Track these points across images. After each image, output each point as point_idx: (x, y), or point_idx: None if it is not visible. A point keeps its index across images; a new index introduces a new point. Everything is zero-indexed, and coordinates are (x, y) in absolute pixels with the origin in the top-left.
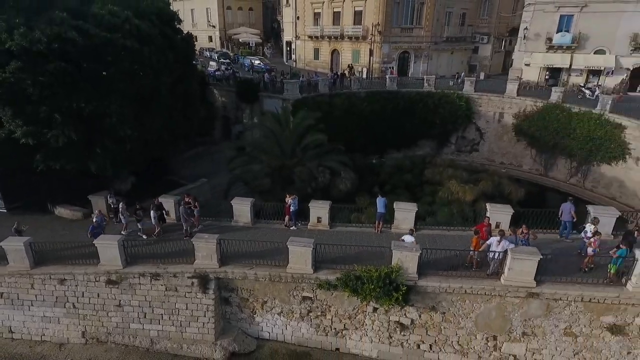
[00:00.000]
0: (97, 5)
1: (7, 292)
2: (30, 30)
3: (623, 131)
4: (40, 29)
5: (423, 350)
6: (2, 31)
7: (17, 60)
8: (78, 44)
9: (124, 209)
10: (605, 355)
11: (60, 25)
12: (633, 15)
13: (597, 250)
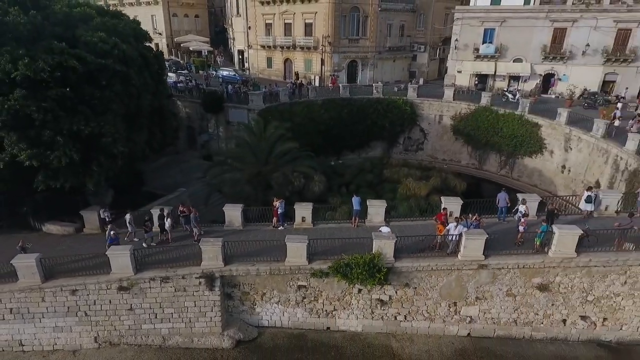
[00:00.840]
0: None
1: (17, 307)
2: (34, 61)
3: (540, 129)
4: (42, 59)
5: (399, 320)
6: (7, 62)
7: (22, 89)
8: (77, 71)
9: (132, 219)
10: (536, 308)
11: (60, 55)
12: (542, 29)
13: (525, 228)
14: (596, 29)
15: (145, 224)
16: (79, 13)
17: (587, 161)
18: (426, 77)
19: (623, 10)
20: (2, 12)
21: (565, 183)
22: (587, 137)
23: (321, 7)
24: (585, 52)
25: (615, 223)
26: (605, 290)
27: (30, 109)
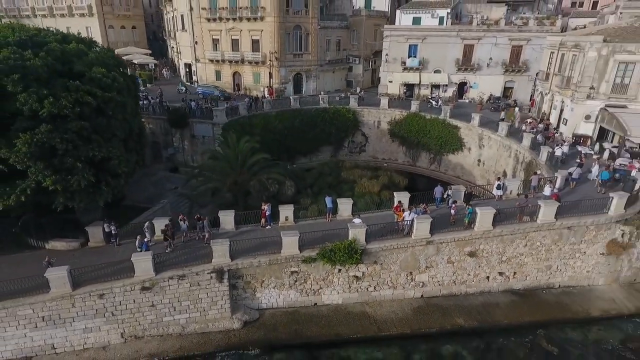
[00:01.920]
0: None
1: (48, 315)
2: (56, 99)
3: (459, 131)
4: (64, 97)
5: (370, 291)
6: (34, 102)
7: (47, 124)
8: (91, 105)
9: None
10: (468, 270)
11: (76, 92)
12: (455, 46)
13: (456, 211)
14: (496, 46)
15: (166, 232)
16: (73, 49)
17: (496, 155)
18: (362, 86)
19: (515, 31)
20: (20, 57)
21: (481, 174)
22: (495, 136)
23: (267, 26)
24: (489, 64)
25: (517, 203)
26: (513, 252)
27: (55, 141)
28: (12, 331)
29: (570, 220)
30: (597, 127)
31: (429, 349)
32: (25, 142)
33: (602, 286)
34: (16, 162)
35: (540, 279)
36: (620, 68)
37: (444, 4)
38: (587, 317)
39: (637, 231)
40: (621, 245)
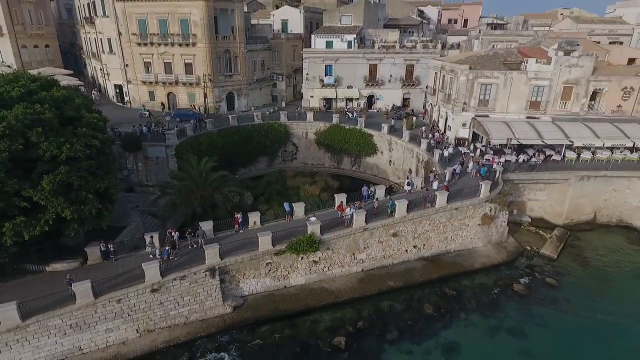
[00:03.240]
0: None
1: (75, 322)
2: (70, 144)
3: (372, 138)
4: (77, 143)
5: (325, 271)
6: (54, 148)
7: (65, 165)
8: (97, 146)
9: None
10: (392, 247)
11: (84, 137)
12: (362, 65)
13: (379, 205)
14: (394, 65)
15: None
16: (61, 96)
17: (403, 157)
18: (285, 100)
19: (407, 52)
20: (35, 111)
21: (393, 172)
22: (401, 142)
23: (199, 51)
24: (390, 80)
25: (421, 194)
26: (422, 230)
27: (72, 178)
28: (44, 340)
29: (456, 204)
30: (471, 131)
31: (372, 306)
32: (49, 182)
33: (481, 247)
34: (40, 199)
35: (441, 247)
36: (482, 88)
37: (350, 30)
38: (473, 269)
39: (499, 207)
40: (490, 217)
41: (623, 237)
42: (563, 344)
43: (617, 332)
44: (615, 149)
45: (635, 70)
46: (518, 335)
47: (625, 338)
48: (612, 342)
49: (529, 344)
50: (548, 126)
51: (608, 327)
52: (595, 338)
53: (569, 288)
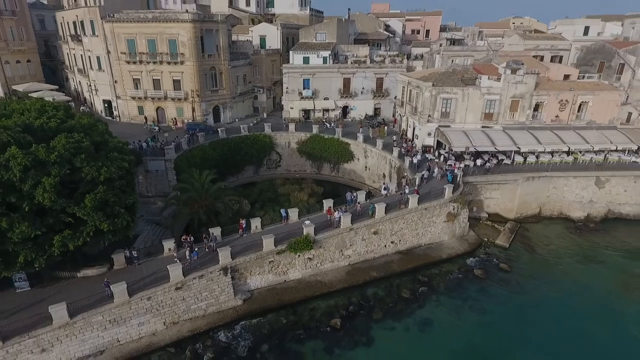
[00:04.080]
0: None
1: (114, 318)
2: (107, 167)
3: (349, 146)
4: (112, 166)
5: (318, 266)
6: (94, 171)
7: (103, 185)
8: (126, 168)
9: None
10: (374, 243)
11: (115, 160)
12: (337, 79)
13: (360, 207)
14: (366, 78)
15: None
16: (88, 123)
17: (377, 163)
18: (266, 112)
19: (377, 67)
20: (76, 141)
21: (368, 176)
22: (375, 149)
23: (187, 68)
24: (362, 92)
25: (396, 197)
26: (397, 228)
27: (108, 196)
28: (88, 334)
29: (426, 204)
30: (436, 140)
31: (359, 293)
32: (91, 200)
33: (447, 240)
34: (83, 214)
35: (414, 242)
36: (444, 102)
37: (325, 47)
38: (441, 259)
39: (461, 205)
40: (453, 215)
41: (562, 227)
42: (514, 317)
43: (557, 305)
44: (554, 153)
45: (569, 85)
46: (478, 311)
47: (563, 309)
48: (553, 313)
49: (487, 318)
50: (499, 134)
51: (550, 302)
52: (539, 311)
53: (519, 271)
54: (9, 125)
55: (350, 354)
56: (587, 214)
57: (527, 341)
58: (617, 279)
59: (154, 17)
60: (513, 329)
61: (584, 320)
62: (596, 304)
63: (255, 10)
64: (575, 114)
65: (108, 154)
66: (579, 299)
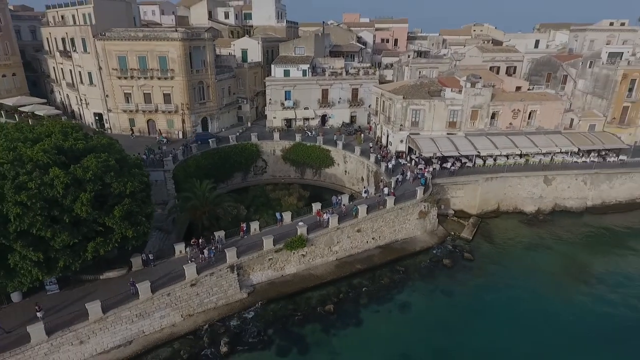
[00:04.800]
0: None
1: (139, 313)
2: (131, 182)
3: (330, 152)
4: (135, 181)
5: (310, 262)
6: (121, 186)
7: (128, 198)
8: (145, 182)
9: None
10: (358, 240)
11: (136, 176)
12: (316, 90)
13: (345, 209)
14: (342, 89)
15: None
16: (107, 142)
17: (356, 168)
18: (250, 121)
19: (352, 79)
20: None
21: (348, 180)
22: (353, 155)
23: (176, 83)
24: (339, 101)
25: (375, 199)
26: (377, 226)
27: (132, 207)
28: (118, 327)
29: (401, 204)
30: (407, 146)
31: (347, 283)
32: (119, 211)
33: (419, 235)
34: (112, 224)
35: (392, 237)
36: (414, 113)
37: (304, 60)
38: (415, 251)
39: (431, 204)
40: (424, 213)
41: (517, 220)
42: (477, 298)
43: (512, 286)
44: (509, 156)
45: (520, 96)
46: (447, 294)
47: (517, 288)
48: (509, 292)
49: (454, 299)
50: (462, 141)
51: (506, 283)
52: (497, 291)
53: (480, 259)
54: (47, 148)
55: (343, 332)
56: (537, 208)
57: (487, 315)
58: (561, 262)
59: (145, 35)
60: (476, 306)
61: (534, 297)
62: (544, 283)
63: (234, 22)
64: (526, 121)
65: (130, 170)
66: (530, 280)
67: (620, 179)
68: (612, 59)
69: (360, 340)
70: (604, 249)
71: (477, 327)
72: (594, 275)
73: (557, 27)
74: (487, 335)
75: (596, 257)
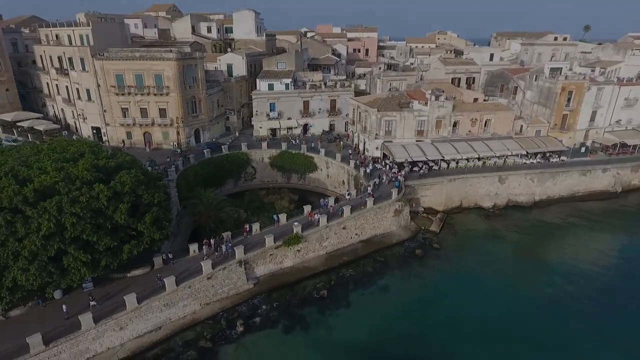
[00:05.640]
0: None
1: (166, 303)
2: (158, 193)
3: (313, 159)
4: (161, 191)
5: (304, 256)
6: (150, 196)
7: (156, 207)
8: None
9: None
10: (342, 236)
11: (160, 188)
12: (298, 101)
13: (332, 209)
14: (322, 100)
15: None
16: (131, 160)
17: (337, 172)
18: (238, 130)
19: (330, 91)
20: (135, 175)
21: (330, 184)
22: (334, 161)
23: (171, 99)
24: (319, 111)
25: (357, 201)
26: (360, 223)
27: (159, 214)
28: (150, 315)
29: (379, 204)
30: (382, 152)
31: (336, 273)
32: (150, 217)
33: (395, 230)
34: (144, 229)
35: (372, 233)
36: (387, 123)
37: (286, 74)
38: (392, 244)
39: (404, 203)
40: (399, 211)
41: (477, 214)
42: (444, 280)
43: (473, 270)
44: (469, 159)
45: (477, 107)
46: (419, 277)
47: (477, 271)
48: (470, 274)
49: (425, 281)
50: (429, 147)
51: (468, 268)
52: (461, 275)
53: (447, 249)
54: (87, 167)
55: (335, 312)
56: (494, 204)
57: (452, 293)
58: (513, 249)
59: (141, 55)
60: (443, 287)
61: (490, 277)
62: (499, 266)
63: (217, 36)
64: (482, 128)
65: (155, 182)
66: (487, 265)
67: (562, 176)
68: (553, 74)
69: (350, 318)
70: (549, 237)
71: (444, 303)
72: (539, 258)
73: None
74: (452, 309)
75: (542, 243)
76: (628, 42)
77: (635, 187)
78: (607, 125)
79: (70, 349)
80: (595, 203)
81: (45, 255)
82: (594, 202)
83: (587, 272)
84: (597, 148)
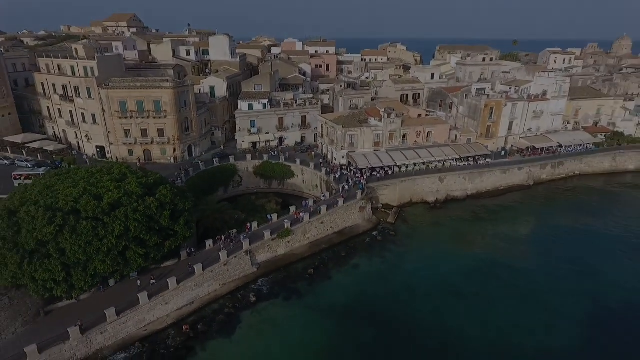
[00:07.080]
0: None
1: (195, 284)
2: (188, 202)
3: (290, 167)
4: (189, 200)
5: (293, 245)
6: (183, 205)
7: (187, 212)
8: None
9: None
10: (322, 229)
11: (189, 197)
12: (274, 118)
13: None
14: (294, 117)
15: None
16: (159, 177)
17: (311, 178)
18: (222, 144)
19: (301, 108)
20: (170, 189)
21: (306, 187)
22: (308, 169)
23: (169, 120)
24: (292, 126)
25: (331, 201)
26: (335, 218)
27: (189, 217)
28: (185, 293)
29: (348, 203)
30: (347, 161)
31: (318, 257)
32: (184, 220)
33: (361, 223)
34: (178, 229)
35: (343, 225)
36: (350, 136)
37: (263, 95)
38: (359, 233)
39: (366, 201)
40: (363, 207)
41: (423, 208)
42: (400, 258)
43: (422, 250)
44: (416, 164)
45: (421, 121)
46: (381, 257)
47: (425, 252)
48: (420, 254)
49: (386, 260)
50: (384, 155)
51: (418, 248)
52: (413, 254)
53: (401, 235)
54: (137, 184)
55: (321, 285)
56: (436, 199)
57: (407, 268)
58: (452, 235)
59: (142, 85)
60: (399, 263)
61: (435, 255)
62: (441, 246)
63: (195, 58)
64: (426, 138)
65: (184, 194)
66: (433, 245)
67: (488, 175)
68: (479, 93)
69: (332, 288)
70: (478, 222)
71: (401, 275)
72: (474, 239)
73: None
74: (406, 277)
75: (475, 227)
76: (545, 58)
77: (543, 180)
78: (522, 132)
79: (133, 318)
80: (513, 194)
81: (116, 250)
82: (513, 193)
83: (505, 246)
84: (514, 151)
